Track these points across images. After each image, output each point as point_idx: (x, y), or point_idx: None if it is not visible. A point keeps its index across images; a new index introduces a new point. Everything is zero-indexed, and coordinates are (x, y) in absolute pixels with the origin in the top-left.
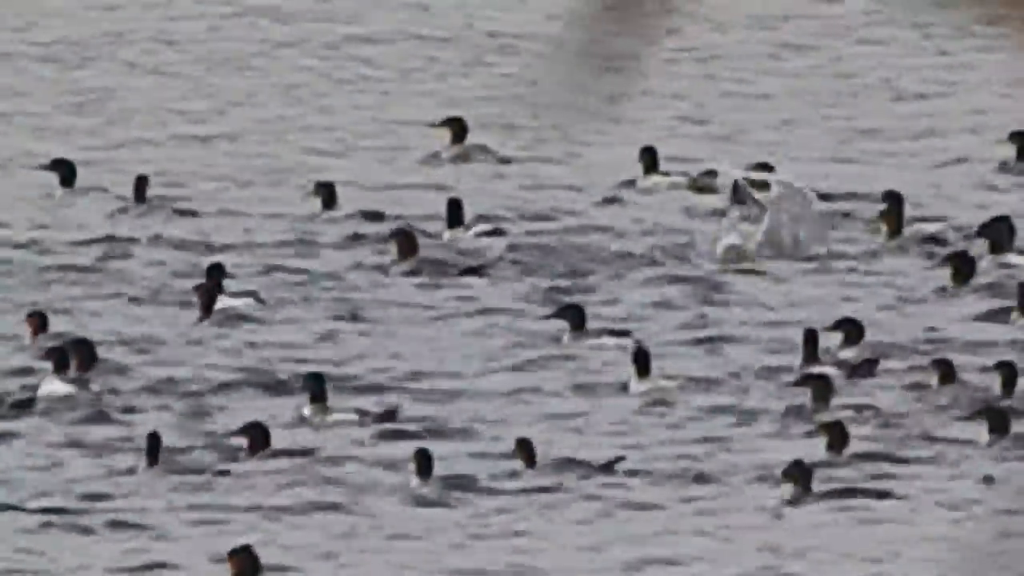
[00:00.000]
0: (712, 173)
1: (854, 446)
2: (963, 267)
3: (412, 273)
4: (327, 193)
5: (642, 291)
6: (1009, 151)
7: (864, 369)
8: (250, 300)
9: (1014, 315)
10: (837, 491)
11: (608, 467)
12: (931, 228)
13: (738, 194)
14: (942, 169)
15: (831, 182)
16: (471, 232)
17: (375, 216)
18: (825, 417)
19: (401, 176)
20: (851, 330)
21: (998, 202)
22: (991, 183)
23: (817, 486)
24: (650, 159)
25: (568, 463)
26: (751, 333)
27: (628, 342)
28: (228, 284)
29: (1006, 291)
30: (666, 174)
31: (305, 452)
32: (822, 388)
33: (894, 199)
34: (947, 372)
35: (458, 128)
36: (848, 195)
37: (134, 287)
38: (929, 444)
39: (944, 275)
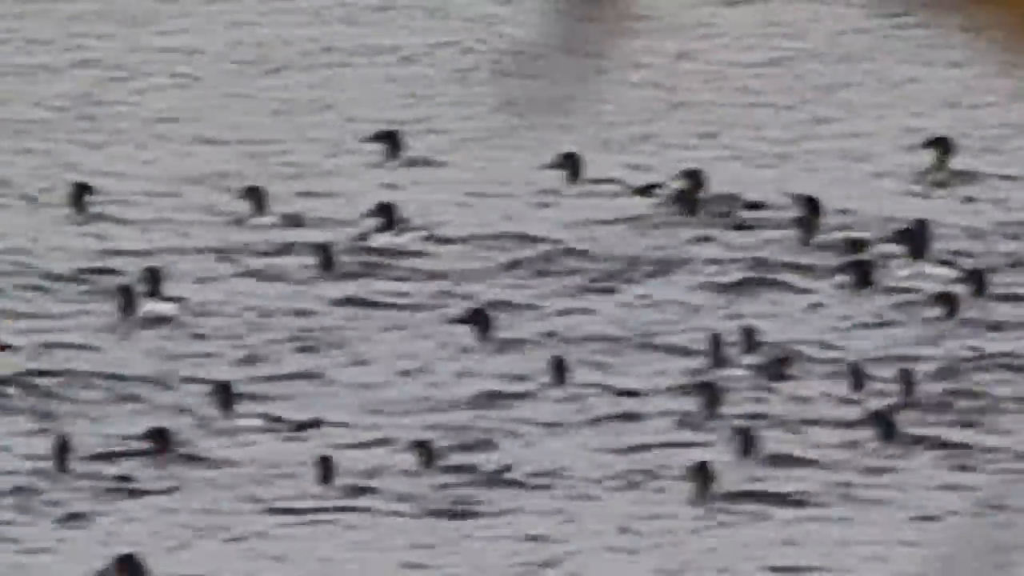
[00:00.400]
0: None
1: (764, 450)
2: (861, 274)
3: (337, 281)
4: (255, 197)
5: (566, 297)
6: (928, 158)
7: (774, 368)
8: (174, 306)
9: (950, 326)
10: (744, 493)
11: (498, 474)
12: (845, 234)
13: (675, 200)
14: (876, 178)
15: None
16: (403, 237)
17: (298, 221)
18: (728, 422)
19: (341, 183)
20: (751, 334)
21: (916, 209)
22: (910, 190)
23: (724, 488)
24: (572, 165)
25: (460, 469)
26: (667, 337)
27: (540, 347)
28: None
29: (916, 297)
30: (613, 181)
31: (208, 458)
32: (711, 395)
33: (809, 204)
34: (857, 377)
35: (391, 142)
36: (777, 203)
37: (58, 291)
38: (839, 449)
39: (845, 280)
